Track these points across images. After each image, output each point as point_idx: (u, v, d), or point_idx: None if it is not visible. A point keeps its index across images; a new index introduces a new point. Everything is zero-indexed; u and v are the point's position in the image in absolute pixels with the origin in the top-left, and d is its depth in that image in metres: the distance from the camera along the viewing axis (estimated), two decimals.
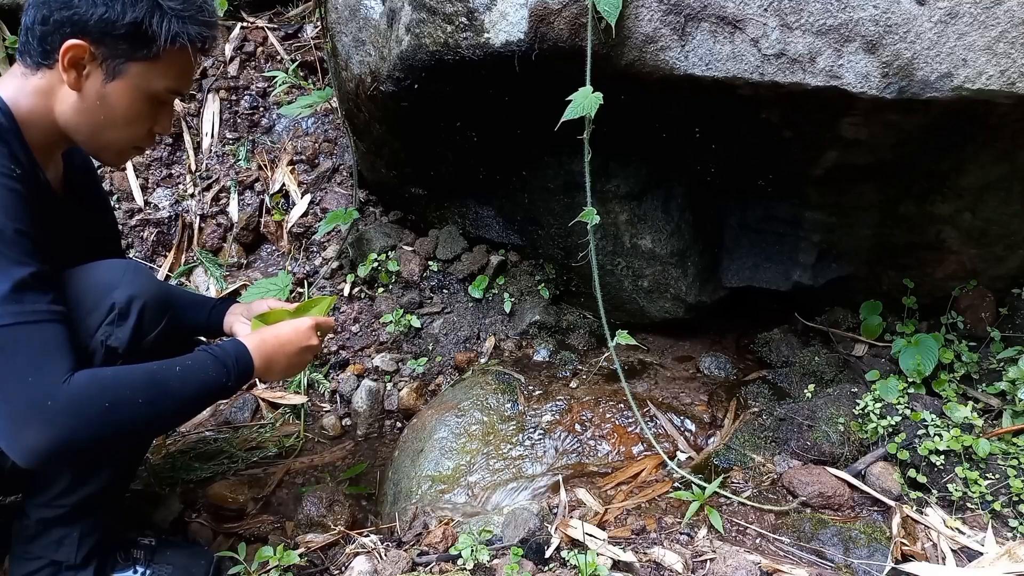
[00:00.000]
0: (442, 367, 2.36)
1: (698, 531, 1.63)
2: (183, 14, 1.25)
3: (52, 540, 1.39)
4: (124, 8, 1.20)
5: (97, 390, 1.14)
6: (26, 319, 1.09)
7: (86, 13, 1.19)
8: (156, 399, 1.22)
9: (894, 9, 1.42)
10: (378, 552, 1.60)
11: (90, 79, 1.24)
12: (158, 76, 1.28)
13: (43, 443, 1.07)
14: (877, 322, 2.19)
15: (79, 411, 1.10)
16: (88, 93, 1.25)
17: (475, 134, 2.16)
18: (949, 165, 1.80)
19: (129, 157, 1.46)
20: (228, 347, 1.38)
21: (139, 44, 1.23)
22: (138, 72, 1.26)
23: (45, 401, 1.07)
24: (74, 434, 1.10)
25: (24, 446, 1.07)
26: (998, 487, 1.68)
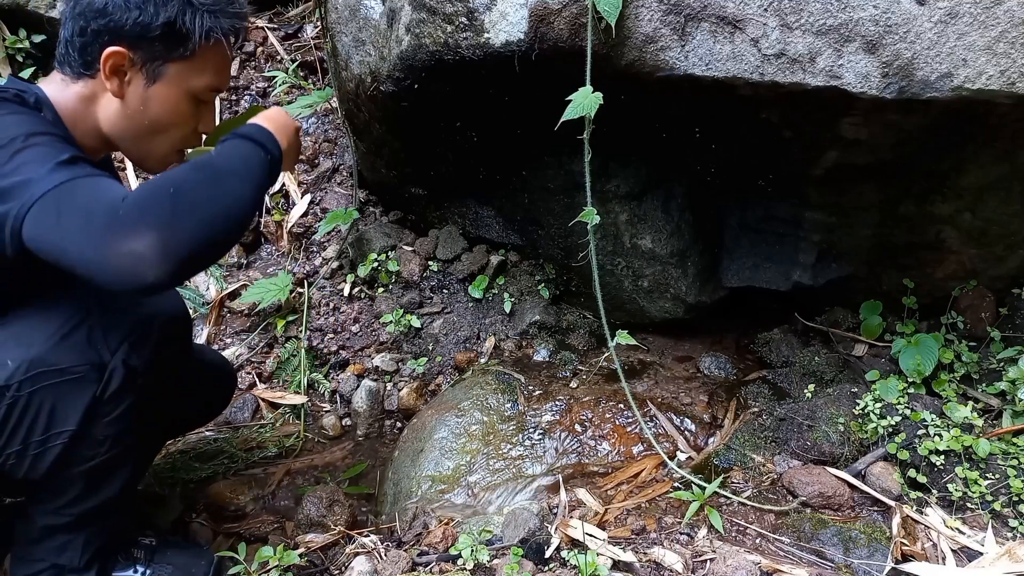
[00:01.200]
0: (442, 367, 2.36)
1: (698, 531, 1.63)
2: (214, 8, 1.28)
3: (56, 545, 1.39)
4: (157, 9, 1.23)
5: (151, 187, 1.10)
6: (81, 175, 1.10)
7: (121, 19, 1.22)
8: (212, 177, 1.17)
9: (894, 9, 1.42)
10: (378, 552, 1.60)
11: (132, 85, 1.28)
12: (196, 74, 1.31)
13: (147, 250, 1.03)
14: (877, 322, 2.19)
15: (147, 207, 1.06)
16: (131, 99, 1.29)
17: (475, 134, 2.16)
18: (949, 165, 1.80)
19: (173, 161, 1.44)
20: (243, 130, 1.30)
21: (175, 43, 1.26)
22: (177, 72, 1.29)
23: (114, 217, 1.04)
24: (162, 228, 1.04)
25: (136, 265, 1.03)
26: (998, 487, 1.68)
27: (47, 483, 1.31)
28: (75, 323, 1.25)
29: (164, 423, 1.68)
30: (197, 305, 2.56)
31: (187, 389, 1.66)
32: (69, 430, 1.26)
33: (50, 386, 1.23)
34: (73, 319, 1.26)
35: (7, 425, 1.22)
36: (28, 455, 1.25)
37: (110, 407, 1.29)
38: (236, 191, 1.20)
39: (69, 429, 1.26)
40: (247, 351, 2.44)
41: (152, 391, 1.33)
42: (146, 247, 1.02)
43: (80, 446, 1.28)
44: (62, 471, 1.29)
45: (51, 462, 1.27)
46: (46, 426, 1.24)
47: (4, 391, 1.21)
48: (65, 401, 1.25)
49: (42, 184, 1.07)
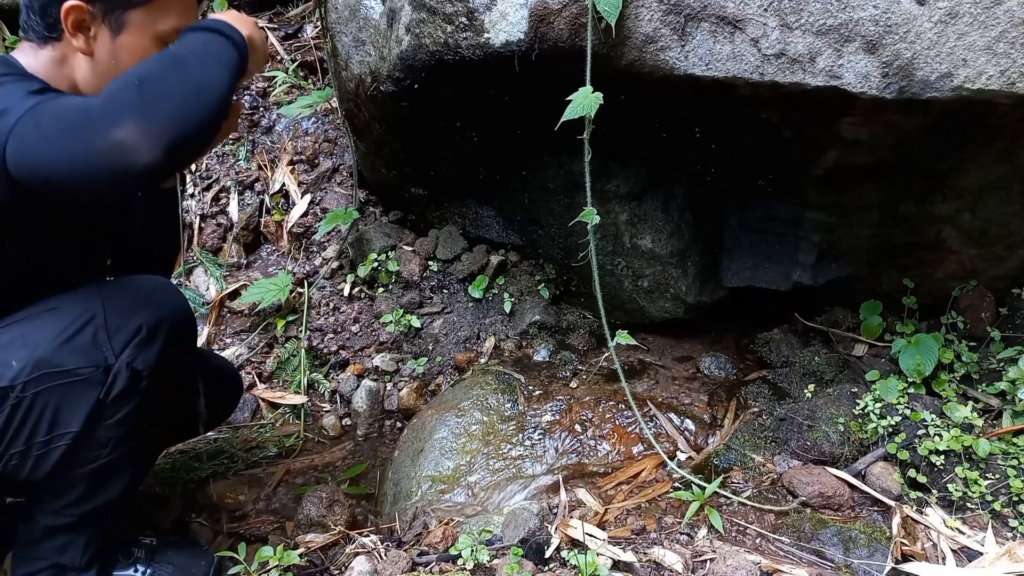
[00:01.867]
0: (442, 367, 2.36)
1: (698, 531, 1.63)
2: None
3: (57, 544, 1.39)
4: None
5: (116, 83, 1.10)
6: (52, 97, 1.13)
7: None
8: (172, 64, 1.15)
9: (894, 9, 1.42)
10: (378, 552, 1.60)
11: (99, 39, 1.26)
12: (160, 16, 1.28)
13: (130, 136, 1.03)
14: (877, 322, 2.19)
15: (116, 100, 1.07)
16: (101, 54, 1.27)
17: (475, 134, 2.16)
18: (949, 165, 1.80)
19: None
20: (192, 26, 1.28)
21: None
22: (140, 19, 1.27)
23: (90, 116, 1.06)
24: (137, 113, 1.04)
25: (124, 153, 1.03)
26: (998, 487, 1.68)
27: (50, 484, 1.31)
28: (81, 324, 1.25)
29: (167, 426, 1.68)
30: (197, 305, 2.56)
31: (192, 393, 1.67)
32: (73, 431, 1.26)
33: (55, 387, 1.23)
34: (79, 320, 1.26)
35: (10, 426, 1.22)
36: (31, 456, 1.25)
37: (114, 409, 1.29)
38: (203, 70, 1.18)
39: (73, 431, 1.26)
40: (247, 351, 2.44)
41: (156, 394, 1.34)
42: (127, 134, 1.03)
43: (83, 448, 1.29)
44: (65, 472, 1.30)
45: (54, 463, 1.27)
46: (49, 427, 1.25)
47: (8, 392, 1.21)
48: (69, 402, 1.25)
49: (16, 110, 1.09)
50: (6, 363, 1.21)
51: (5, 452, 1.23)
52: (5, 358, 1.22)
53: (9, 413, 1.21)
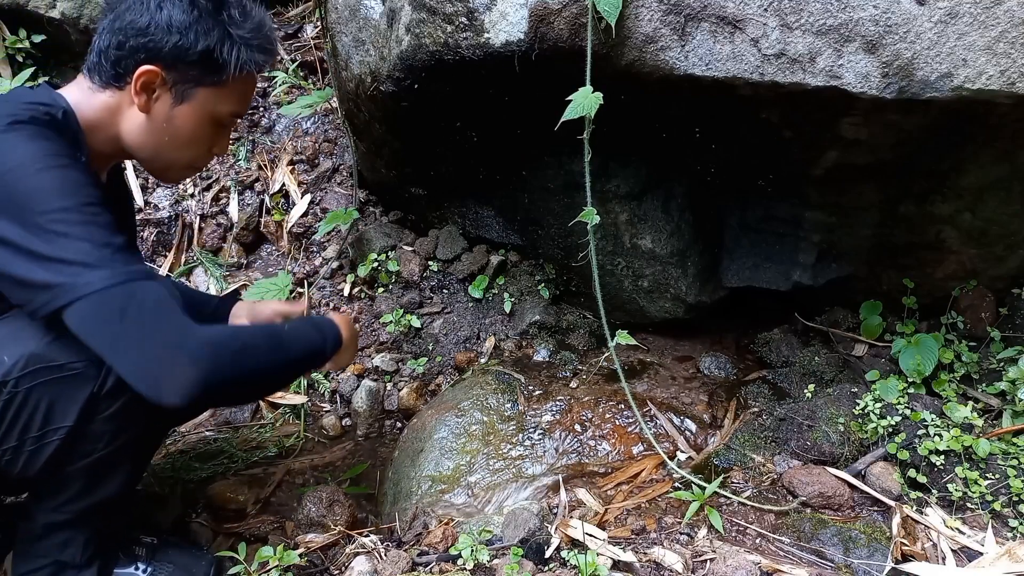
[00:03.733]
0: (442, 367, 2.36)
1: (698, 531, 1.63)
2: (251, 42, 1.31)
3: (57, 542, 1.39)
4: (197, 37, 1.26)
5: (227, 335, 1.24)
6: (138, 276, 1.15)
7: (161, 41, 1.25)
8: (276, 348, 1.32)
9: (894, 9, 1.42)
10: (378, 552, 1.60)
11: (159, 102, 1.31)
12: (224, 101, 1.35)
13: (190, 380, 1.12)
14: (877, 322, 2.19)
15: (216, 351, 1.16)
16: (156, 115, 1.32)
17: (475, 134, 2.16)
18: (949, 165, 1.80)
19: (186, 176, 1.54)
20: (324, 320, 1.51)
21: (210, 71, 1.30)
22: (205, 97, 1.33)
23: (187, 341, 1.14)
24: (214, 373, 1.15)
25: (174, 386, 1.12)
26: (998, 487, 1.68)
27: (46, 480, 1.31)
28: None
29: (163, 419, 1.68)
30: None
31: None
32: (66, 426, 1.26)
33: (48, 382, 1.23)
34: None
35: (3, 421, 1.22)
36: (24, 451, 1.25)
37: (108, 403, 1.29)
38: (283, 375, 1.43)
39: (66, 425, 1.26)
40: None
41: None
42: (193, 383, 1.12)
43: (78, 442, 1.28)
44: (60, 468, 1.29)
45: (47, 458, 1.27)
46: (43, 422, 1.24)
47: (1, 387, 1.20)
48: (63, 397, 1.25)
49: (95, 276, 1.10)
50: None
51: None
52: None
53: (1, 409, 1.21)
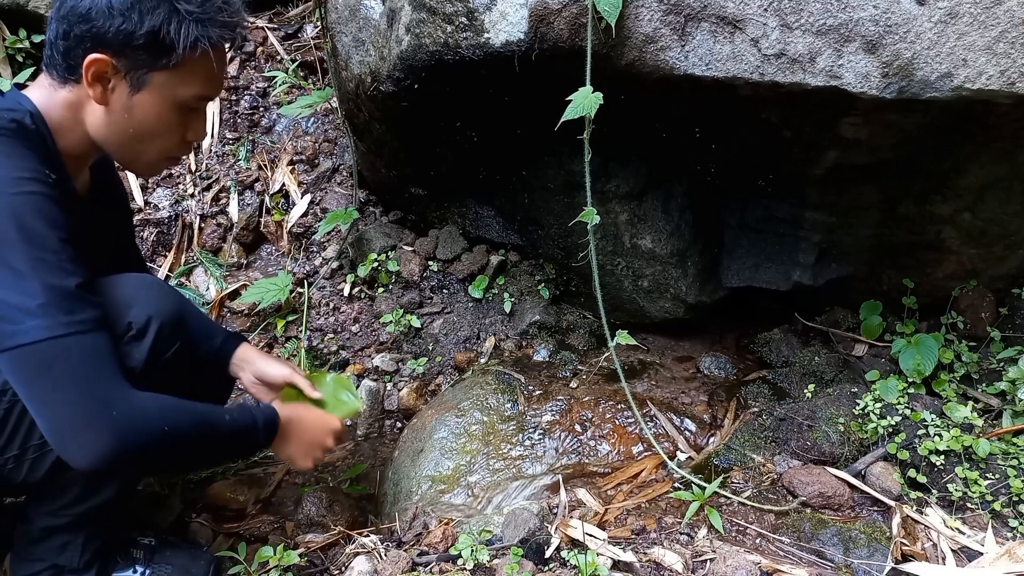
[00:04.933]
0: (442, 367, 2.36)
1: (698, 531, 1.63)
2: (202, 17, 1.20)
3: (56, 545, 1.39)
4: (141, 17, 1.16)
5: (158, 410, 1.19)
6: (78, 329, 1.10)
7: (104, 26, 1.16)
8: (205, 438, 1.29)
9: (894, 9, 1.42)
10: (378, 552, 1.60)
11: (116, 92, 1.22)
12: (183, 83, 1.25)
13: (102, 449, 1.10)
14: (877, 322, 2.19)
15: (141, 425, 1.15)
16: (115, 106, 1.23)
17: (475, 134, 2.16)
18: (949, 165, 1.80)
19: (163, 168, 1.45)
20: (267, 412, 1.44)
21: (159, 53, 1.20)
22: (162, 81, 1.23)
23: (109, 409, 1.11)
24: (132, 445, 1.13)
25: (84, 451, 1.10)
26: (998, 487, 1.68)
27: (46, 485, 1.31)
28: None
29: None
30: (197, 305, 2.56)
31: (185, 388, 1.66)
32: None
33: None
34: None
35: (5, 429, 1.22)
36: (27, 459, 1.25)
37: None
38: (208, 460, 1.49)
39: None
40: None
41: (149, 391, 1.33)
42: (102, 454, 1.10)
43: None
44: (61, 474, 1.29)
45: (49, 465, 1.27)
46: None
47: (2, 395, 1.21)
48: None
49: (35, 324, 1.06)
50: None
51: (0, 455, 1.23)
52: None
53: (3, 416, 1.21)
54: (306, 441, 1.52)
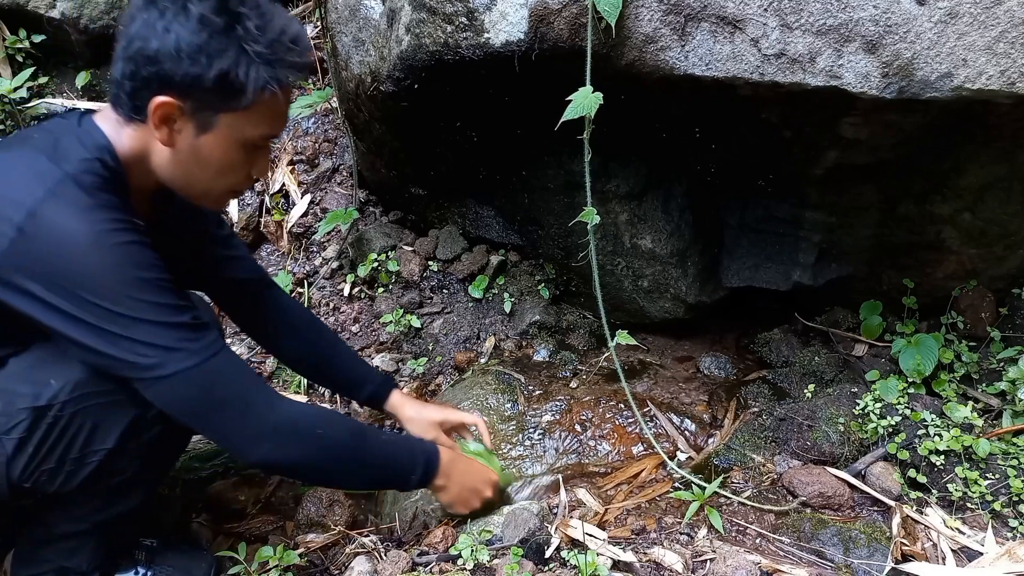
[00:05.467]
0: (442, 367, 2.36)
1: (698, 531, 1.63)
2: (271, 58, 1.16)
3: (66, 548, 1.39)
4: (210, 61, 1.13)
5: (312, 416, 1.34)
6: (214, 351, 1.21)
7: (172, 69, 1.13)
8: (358, 448, 1.39)
9: (894, 9, 1.42)
10: (378, 552, 1.60)
11: (182, 133, 1.20)
12: (250, 124, 1.22)
13: (275, 454, 1.27)
14: (877, 322, 2.19)
15: (298, 431, 1.29)
16: (181, 147, 1.22)
17: (475, 134, 2.16)
18: (949, 165, 1.80)
19: (227, 201, 1.48)
20: (428, 446, 1.54)
21: (228, 96, 1.17)
22: (229, 122, 1.20)
23: (270, 415, 1.26)
24: (291, 450, 1.28)
25: (259, 457, 1.27)
26: (998, 487, 1.68)
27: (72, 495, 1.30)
28: None
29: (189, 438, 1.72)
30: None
31: None
32: (106, 448, 1.26)
33: (93, 407, 1.22)
34: None
35: (45, 444, 1.21)
36: (62, 472, 1.24)
37: (150, 427, 1.30)
38: (357, 479, 1.49)
39: (106, 448, 1.26)
40: (247, 351, 2.44)
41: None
42: (277, 454, 1.28)
43: (114, 462, 1.28)
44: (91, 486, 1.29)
45: (83, 478, 1.26)
46: (84, 445, 1.24)
47: (46, 411, 1.20)
48: (106, 421, 1.25)
49: (175, 358, 1.16)
50: (43, 382, 1.20)
51: (36, 468, 1.22)
52: (42, 376, 1.20)
53: (45, 432, 1.20)
54: (468, 486, 1.60)
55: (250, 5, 1.15)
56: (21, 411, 1.19)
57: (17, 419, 1.19)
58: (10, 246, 1.08)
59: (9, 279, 1.09)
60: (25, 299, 1.10)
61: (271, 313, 1.74)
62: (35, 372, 1.21)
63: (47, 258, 1.09)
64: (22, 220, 1.08)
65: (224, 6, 1.13)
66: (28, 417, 1.19)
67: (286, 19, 1.20)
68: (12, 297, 1.10)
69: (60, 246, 1.09)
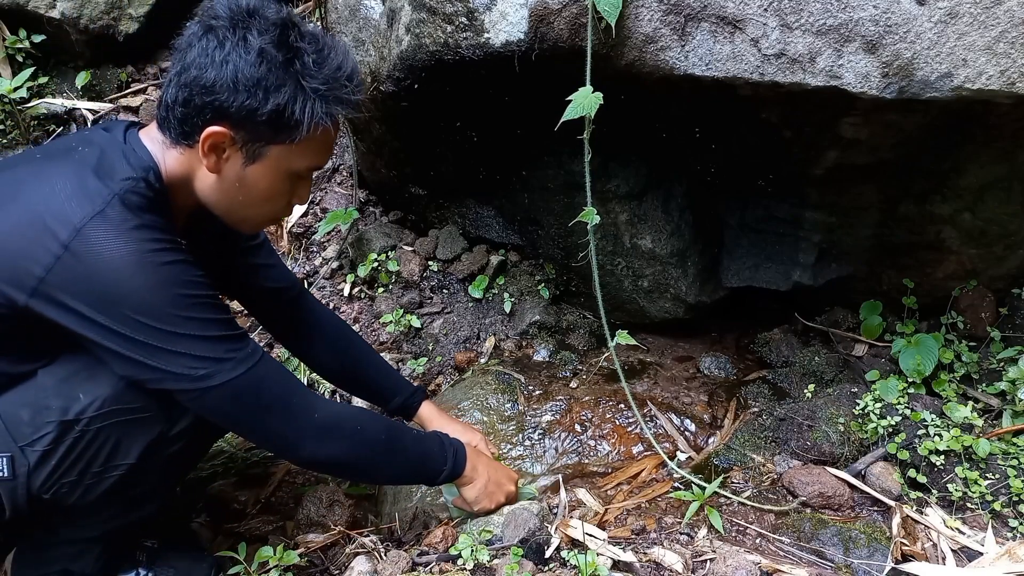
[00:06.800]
0: (442, 367, 2.36)
1: (698, 531, 1.63)
2: (327, 94, 1.17)
3: (72, 552, 1.39)
4: (267, 95, 1.13)
5: (350, 415, 1.41)
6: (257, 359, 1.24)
7: (228, 100, 1.13)
8: (393, 443, 1.44)
9: (894, 9, 1.42)
10: (378, 552, 1.60)
11: (229, 162, 1.21)
12: (300, 156, 1.23)
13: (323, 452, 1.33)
14: (877, 322, 2.19)
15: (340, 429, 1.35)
16: (227, 175, 1.23)
17: (475, 134, 2.16)
18: (949, 165, 1.80)
19: (266, 226, 1.51)
20: (456, 443, 1.59)
21: (281, 129, 1.18)
22: (279, 154, 1.21)
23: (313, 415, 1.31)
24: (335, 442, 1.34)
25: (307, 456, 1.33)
26: (998, 487, 1.68)
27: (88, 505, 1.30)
28: None
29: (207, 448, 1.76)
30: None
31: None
32: (128, 463, 1.26)
33: (119, 423, 1.23)
34: None
35: (69, 457, 1.21)
36: (82, 484, 1.25)
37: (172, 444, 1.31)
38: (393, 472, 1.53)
39: (128, 463, 1.26)
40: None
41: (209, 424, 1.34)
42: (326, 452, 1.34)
43: (133, 476, 1.28)
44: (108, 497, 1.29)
45: (102, 491, 1.27)
46: (106, 459, 1.24)
47: (73, 424, 1.20)
48: (129, 437, 1.25)
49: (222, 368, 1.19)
50: (73, 396, 1.20)
51: (57, 481, 1.22)
52: (72, 391, 1.20)
53: (69, 446, 1.20)
54: (494, 479, 1.63)
55: (309, 39, 1.17)
56: (48, 424, 1.19)
57: (44, 431, 1.19)
58: (56, 263, 1.08)
59: (54, 296, 1.09)
60: (71, 317, 1.11)
61: (303, 321, 1.75)
62: (66, 386, 1.21)
63: (94, 277, 1.10)
64: (68, 238, 1.08)
65: (284, 40, 1.13)
66: (55, 430, 1.19)
67: (343, 54, 1.21)
68: (58, 314, 1.11)
69: (107, 266, 1.10)
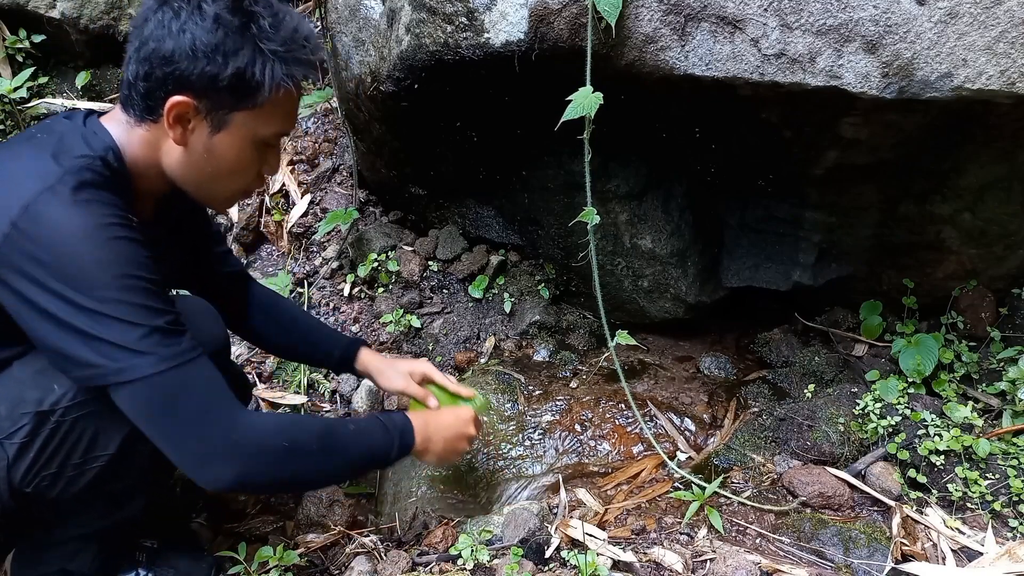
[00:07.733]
0: (442, 367, 2.36)
1: (698, 531, 1.63)
2: (286, 56, 1.17)
3: (68, 551, 1.39)
4: (226, 59, 1.13)
5: (276, 427, 1.24)
6: (185, 359, 1.14)
7: (188, 68, 1.13)
8: (329, 450, 1.30)
9: (894, 9, 1.42)
10: (378, 552, 1.60)
11: (196, 133, 1.20)
12: (264, 122, 1.23)
13: (229, 476, 1.17)
14: (877, 322, 2.19)
15: (262, 449, 1.20)
16: (194, 147, 1.22)
17: (475, 134, 2.16)
18: (949, 165, 1.80)
19: (237, 201, 1.46)
20: (396, 419, 1.45)
21: (244, 94, 1.17)
22: (243, 121, 1.21)
23: (232, 435, 1.17)
24: (256, 470, 1.19)
25: (217, 479, 1.17)
26: (998, 487, 1.68)
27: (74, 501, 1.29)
28: None
29: None
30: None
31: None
32: (108, 454, 1.25)
33: (94, 413, 1.21)
34: None
35: (47, 449, 1.21)
36: (64, 477, 1.24)
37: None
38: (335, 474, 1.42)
39: (108, 454, 1.25)
40: (247, 351, 2.44)
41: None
42: (235, 476, 1.17)
43: (115, 468, 1.28)
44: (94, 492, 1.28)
45: (85, 484, 1.26)
46: (85, 450, 1.23)
47: (48, 415, 1.19)
48: (108, 427, 1.24)
49: (142, 361, 1.09)
50: (48, 387, 1.19)
51: (38, 474, 1.21)
52: (47, 382, 1.20)
53: (47, 437, 1.20)
54: (449, 438, 1.54)
55: (263, 4, 1.16)
56: (24, 415, 1.18)
57: (21, 423, 1.18)
58: (3, 241, 1.06)
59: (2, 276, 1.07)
60: (12, 296, 1.08)
61: (250, 302, 1.74)
62: (42, 377, 1.20)
63: (35, 250, 1.06)
64: (17, 216, 1.06)
65: (238, 5, 1.13)
66: (31, 422, 1.18)
67: (297, 17, 1.21)
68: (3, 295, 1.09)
69: (47, 233, 1.06)
